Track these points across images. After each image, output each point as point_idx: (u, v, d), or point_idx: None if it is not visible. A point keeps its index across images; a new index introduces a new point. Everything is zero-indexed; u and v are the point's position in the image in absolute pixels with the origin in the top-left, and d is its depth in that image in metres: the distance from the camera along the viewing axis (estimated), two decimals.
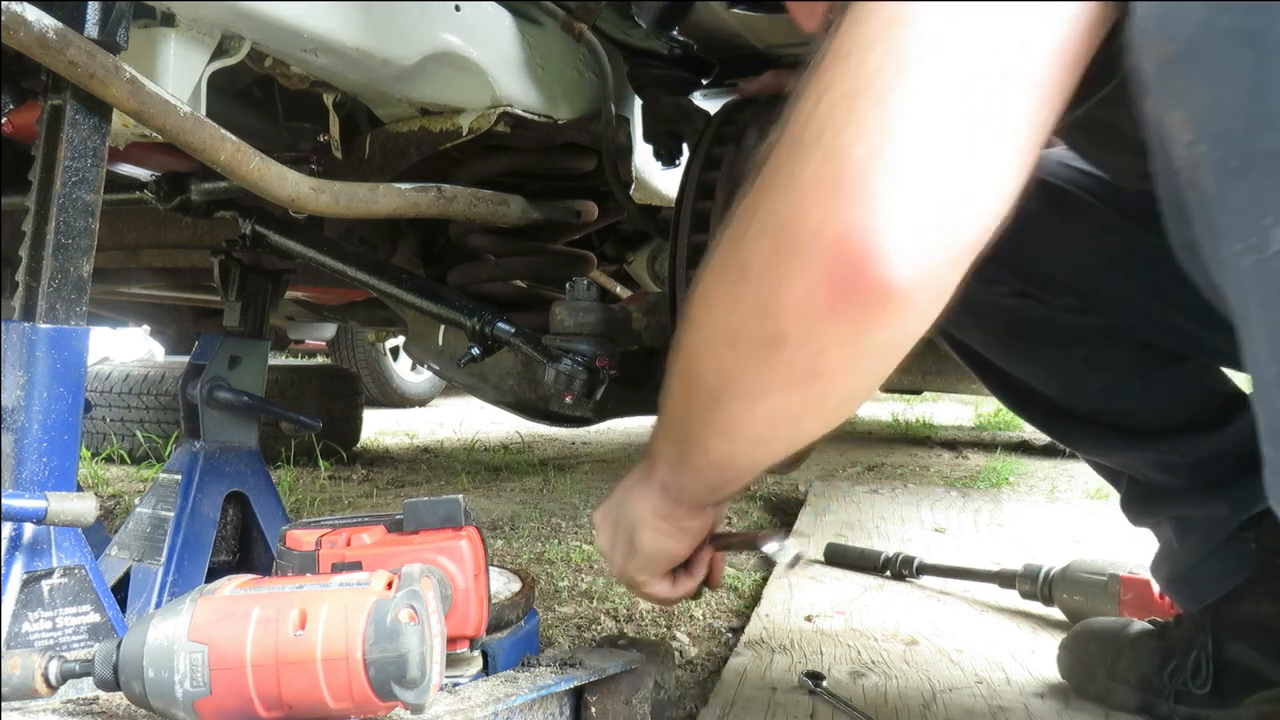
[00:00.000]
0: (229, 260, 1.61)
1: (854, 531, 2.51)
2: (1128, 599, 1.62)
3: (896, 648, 1.60)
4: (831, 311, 0.71)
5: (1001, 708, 1.35)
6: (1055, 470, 4.19)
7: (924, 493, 3.17)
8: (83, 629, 0.98)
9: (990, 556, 2.25)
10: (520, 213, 1.37)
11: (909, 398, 7.29)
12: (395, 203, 1.22)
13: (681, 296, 1.14)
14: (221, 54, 1.09)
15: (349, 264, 1.42)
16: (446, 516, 1.00)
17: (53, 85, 0.96)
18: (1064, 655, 1.44)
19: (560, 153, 1.56)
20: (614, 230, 2.24)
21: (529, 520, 2.74)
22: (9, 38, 0.86)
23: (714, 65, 1.46)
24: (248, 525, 1.60)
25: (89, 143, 0.97)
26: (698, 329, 0.83)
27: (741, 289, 0.76)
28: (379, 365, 6.05)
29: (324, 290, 2.50)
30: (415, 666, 0.79)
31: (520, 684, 1.04)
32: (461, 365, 1.38)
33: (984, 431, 5.92)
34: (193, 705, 0.79)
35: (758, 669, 1.48)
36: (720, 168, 1.16)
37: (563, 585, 2.07)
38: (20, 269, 0.97)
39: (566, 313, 1.28)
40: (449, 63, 1.26)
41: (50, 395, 0.96)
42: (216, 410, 1.55)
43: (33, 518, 0.91)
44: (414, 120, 1.38)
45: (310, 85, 1.25)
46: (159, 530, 1.48)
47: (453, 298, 1.38)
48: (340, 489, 3.24)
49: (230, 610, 0.81)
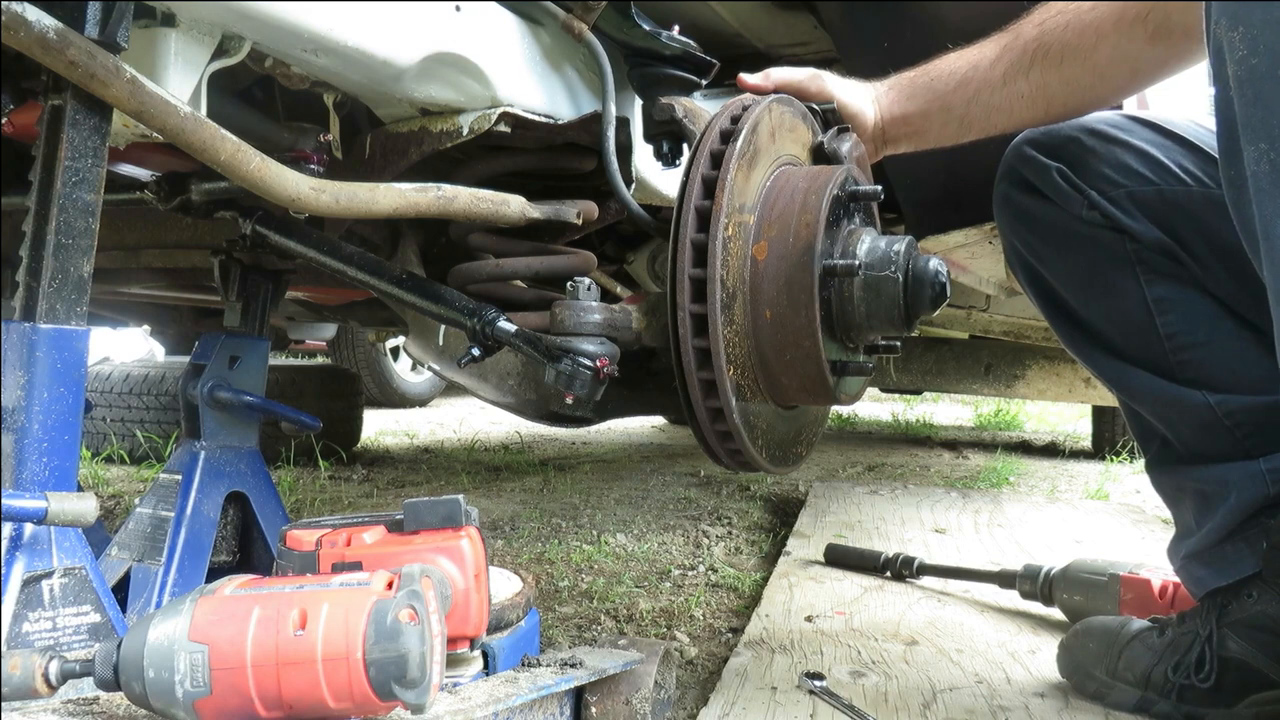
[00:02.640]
0: (229, 260, 1.61)
1: (854, 532, 2.51)
2: (1128, 599, 1.62)
3: (897, 648, 1.60)
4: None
5: (1002, 707, 1.35)
6: (1055, 470, 4.19)
7: (924, 493, 3.17)
8: (83, 629, 0.98)
9: (990, 557, 2.25)
10: (520, 213, 1.37)
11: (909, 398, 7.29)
12: (395, 203, 1.22)
13: (681, 296, 1.14)
14: (222, 54, 1.09)
15: (349, 264, 1.42)
16: (446, 516, 1.00)
17: (53, 85, 0.96)
18: (1064, 654, 1.44)
19: (560, 153, 1.56)
20: (614, 230, 2.24)
21: (529, 520, 2.74)
22: (9, 38, 0.86)
23: (714, 65, 1.46)
24: (248, 525, 1.60)
25: (89, 143, 0.97)
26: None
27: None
28: (379, 365, 6.05)
29: (324, 290, 2.50)
30: (415, 666, 0.79)
31: (520, 684, 1.04)
32: (462, 365, 1.38)
33: (984, 431, 5.92)
34: (193, 705, 0.79)
35: (758, 669, 1.48)
36: (720, 167, 1.17)
37: (563, 585, 2.07)
38: (20, 269, 0.97)
39: (567, 313, 1.27)
40: (449, 63, 1.26)
41: (50, 395, 0.96)
42: (217, 410, 1.55)
43: (33, 518, 0.91)
44: (414, 120, 1.38)
45: (310, 85, 1.25)
46: (159, 530, 1.48)
47: (453, 298, 1.38)
48: (340, 489, 3.24)
49: (230, 610, 0.81)
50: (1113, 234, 1.34)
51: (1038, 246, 1.43)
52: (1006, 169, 1.43)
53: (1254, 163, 0.89)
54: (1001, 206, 1.45)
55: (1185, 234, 1.31)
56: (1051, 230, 1.39)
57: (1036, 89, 1.34)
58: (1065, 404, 5.60)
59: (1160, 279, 1.34)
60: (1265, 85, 0.87)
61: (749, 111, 1.21)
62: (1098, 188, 1.34)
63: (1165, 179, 1.32)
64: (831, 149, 1.31)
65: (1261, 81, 0.87)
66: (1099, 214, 1.34)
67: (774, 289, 1.17)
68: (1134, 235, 1.33)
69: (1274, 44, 0.86)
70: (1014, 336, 3.64)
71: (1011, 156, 1.42)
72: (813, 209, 1.18)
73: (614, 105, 1.42)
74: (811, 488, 3.17)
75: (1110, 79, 1.33)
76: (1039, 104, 1.36)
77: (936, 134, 1.43)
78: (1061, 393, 4.13)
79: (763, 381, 1.22)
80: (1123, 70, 1.32)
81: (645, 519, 2.81)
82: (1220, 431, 1.32)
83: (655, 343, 1.34)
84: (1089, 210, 1.35)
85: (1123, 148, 1.34)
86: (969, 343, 4.20)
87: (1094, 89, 1.34)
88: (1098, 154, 1.34)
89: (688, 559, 2.33)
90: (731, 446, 1.21)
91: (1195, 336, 1.33)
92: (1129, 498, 3.33)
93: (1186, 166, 1.31)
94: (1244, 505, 1.30)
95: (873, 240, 1.24)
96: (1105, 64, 1.30)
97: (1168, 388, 1.35)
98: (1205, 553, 1.34)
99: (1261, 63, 0.87)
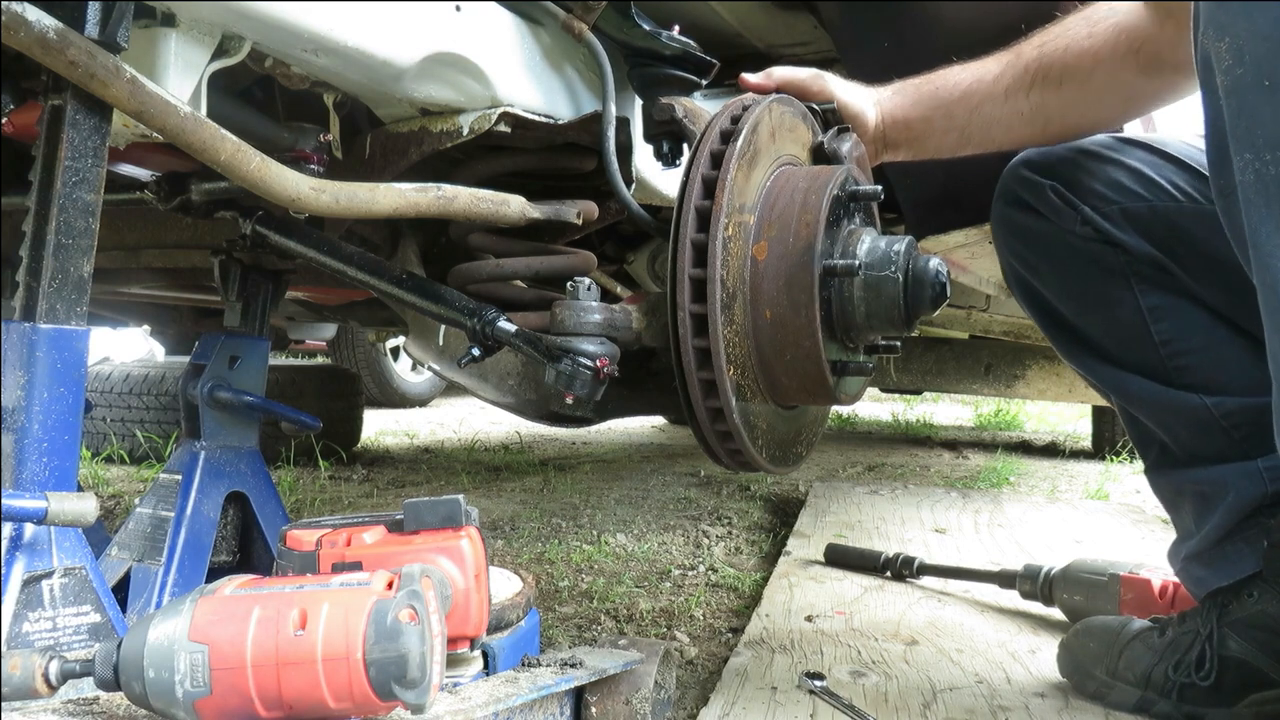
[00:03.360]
0: (229, 260, 1.61)
1: (854, 532, 2.51)
2: (1128, 599, 1.63)
3: (897, 648, 1.60)
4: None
5: (1002, 707, 1.35)
6: (1055, 470, 4.19)
7: (924, 493, 3.17)
8: (83, 629, 0.98)
9: (990, 557, 2.25)
10: (520, 213, 1.37)
11: (909, 398, 7.29)
12: (395, 203, 1.22)
13: (681, 296, 1.14)
14: (222, 54, 1.09)
15: (349, 264, 1.41)
16: (447, 516, 1.00)
17: (53, 85, 0.96)
18: (1064, 654, 1.44)
19: (560, 153, 1.55)
20: (614, 230, 2.24)
21: (529, 520, 2.74)
22: (9, 38, 0.86)
23: (714, 65, 1.46)
24: (248, 525, 1.60)
25: (89, 143, 0.97)
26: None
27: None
28: (379, 365, 6.05)
29: (324, 290, 2.50)
30: (416, 666, 0.79)
31: (520, 684, 1.04)
32: (462, 365, 1.38)
33: (984, 431, 5.92)
34: (193, 705, 0.79)
35: (758, 669, 1.48)
36: (720, 167, 1.16)
37: (563, 585, 2.07)
38: (20, 269, 0.97)
39: (567, 313, 1.27)
40: (449, 63, 1.26)
41: (50, 395, 0.96)
42: (217, 410, 1.55)
43: (33, 518, 0.91)
44: (414, 120, 1.38)
45: (311, 85, 1.25)
46: (159, 530, 1.48)
47: (453, 298, 1.38)
48: (340, 489, 3.24)
49: (230, 611, 0.81)
50: (1106, 248, 1.37)
51: (1034, 261, 1.45)
52: (1004, 189, 1.46)
53: (1240, 172, 0.91)
54: (999, 225, 1.49)
55: (1177, 247, 1.34)
56: (1047, 245, 1.42)
57: (1035, 108, 1.37)
58: (1065, 404, 5.60)
59: (1153, 289, 1.37)
60: (1250, 96, 0.89)
61: (749, 111, 1.21)
62: (1091, 204, 1.37)
63: (1157, 195, 1.34)
64: (832, 149, 1.31)
65: (1246, 92, 0.89)
66: (1092, 229, 1.37)
67: (774, 289, 1.17)
68: (1127, 248, 1.36)
69: (1259, 55, 0.87)
70: (1014, 336, 3.64)
71: (1008, 177, 1.46)
72: (813, 209, 1.18)
73: (614, 105, 1.42)
74: (811, 488, 3.17)
75: (1106, 104, 1.37)
76: (1037, 123, 1.39)
77: (936, 142, 1.45)
78: (1061, 393, 4.13)
79: (763, 381, 1.22)
80: (1117, 97, 1.36)
81: (645, 519, 2.81)
82: (1217, 433, 1.33)
83: (655, 343, 1.34)
84: (1083, 225, 1.37)
85: (1115, 166, 1.37)
86: (969, 343, 4.20)
87: (1090, 113, 1.39)
88: (1091, 171, 1.38)
89: (688, 559, 2.33)
90: (731, 446, 1.21)
91: (1190, 343, 1.35)
92: (1129, 498, 3.33)
93: (1177, 183, 1.34)
94: (1243, 504, 1.30)
95: (873, 240, 1.24)
96: (1100, 90, 1.35)
97: (1164, 392, 1.37)
98: (1205, 553, 1.35)
99: (1247, 73, 0.88)
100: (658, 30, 1.40)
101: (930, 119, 1.42)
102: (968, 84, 1.39)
